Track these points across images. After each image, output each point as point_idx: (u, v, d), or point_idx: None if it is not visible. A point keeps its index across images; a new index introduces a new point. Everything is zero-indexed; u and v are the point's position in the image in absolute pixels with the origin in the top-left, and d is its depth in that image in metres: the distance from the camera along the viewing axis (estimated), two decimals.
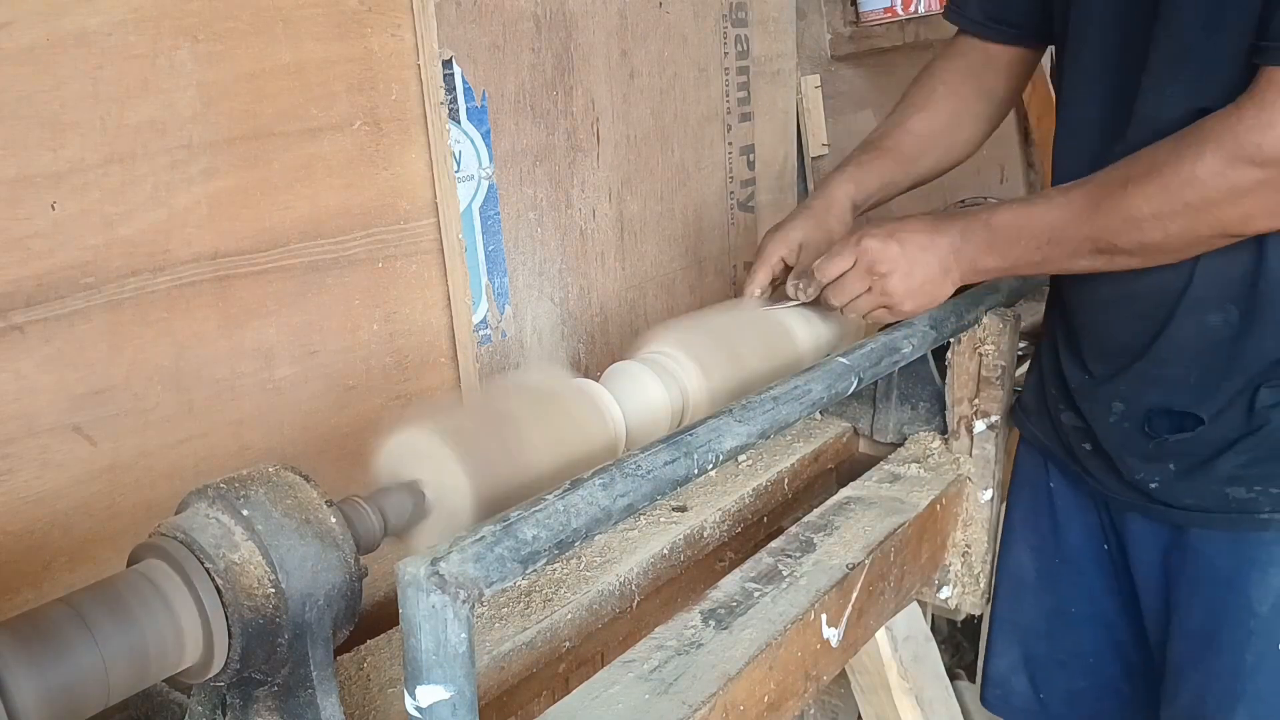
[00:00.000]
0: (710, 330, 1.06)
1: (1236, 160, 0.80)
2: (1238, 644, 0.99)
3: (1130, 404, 1.02)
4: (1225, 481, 0.97)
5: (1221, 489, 0.97)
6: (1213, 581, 1.00)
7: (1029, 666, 1.26)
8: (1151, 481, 1.02)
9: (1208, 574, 1.01)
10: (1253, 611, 0.98)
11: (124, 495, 0.89)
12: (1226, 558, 0.99)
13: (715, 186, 1.62)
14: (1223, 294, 0.93)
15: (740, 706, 0.86)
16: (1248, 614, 0.98)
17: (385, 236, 1.07)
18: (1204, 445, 0.98)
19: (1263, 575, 0.97)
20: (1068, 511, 1.17)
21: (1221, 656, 1.00)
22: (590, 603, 0.99)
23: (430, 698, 0.60)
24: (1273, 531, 0.96)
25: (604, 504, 0.70)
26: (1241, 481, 0.96)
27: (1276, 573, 0.96)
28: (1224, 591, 0.99)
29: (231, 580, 0.63)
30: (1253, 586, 0.97)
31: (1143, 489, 1.03)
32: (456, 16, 1.13)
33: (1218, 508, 0.98)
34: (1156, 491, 1.02)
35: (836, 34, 1.97)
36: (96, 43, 0.82)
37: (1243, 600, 0.98)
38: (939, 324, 1.14)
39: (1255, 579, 0.97)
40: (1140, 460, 1.02)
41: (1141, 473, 1.02)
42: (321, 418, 1.04)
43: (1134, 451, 1.03)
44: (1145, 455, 1.02)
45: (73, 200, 0.82)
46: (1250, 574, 0.97)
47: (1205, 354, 0.95)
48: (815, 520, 1.12)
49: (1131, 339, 1.00)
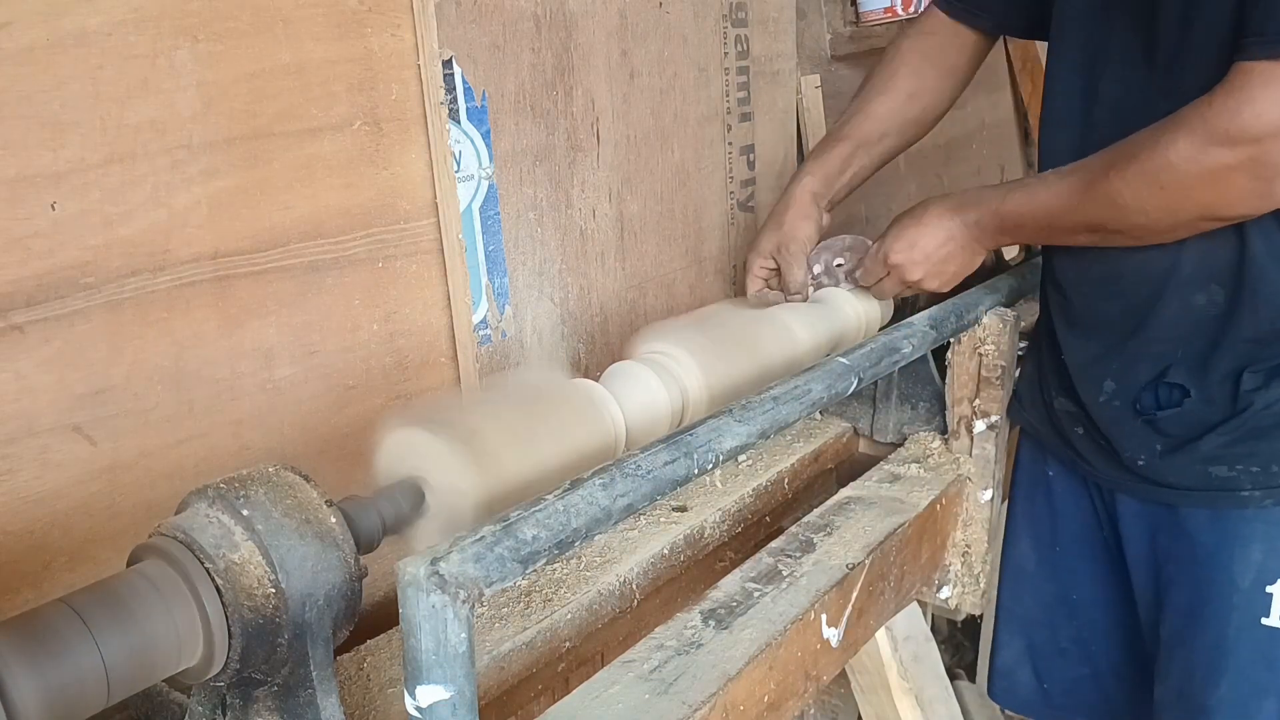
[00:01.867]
0: (710, 330, 1.06)
1: (1208, 144, 0.83)
2: (1221, 618, 1.02)
3: (1120, 383, 1.05)
4: (1208, 460, 1.00)
5: (1204, 468, 1.01)
6: (1197, 559, 1.04)
7: (1032, 656, 1.28)
8: (1139, 459, 1.05)
9: (1193, 552, 1.04)
10: (1235, 586, 1.01)
11: (124, 495, 0.89)
12: (1210, 535, 1.02)
13: (715, 186, 1.62)
14: (1209, 275, 0.96)
15: (740, 706, 0.86)
16: (1230, 589, 1.01)
17: (385, 236, 1.07)
18: (1190, 424, 1.01)
19: (1244, 550, 1.00)
20: (1065, 499, 1.20)
21: (1207, 632, 1.03)
22: (590, 603, 0.99)
23: (430, 698, 0.60)
24: (1252, 509, 0.99)
25: (604, 504, 0.70)
26: (1223, 460, 1.00)
27: (1257, 548, 1.00)
28: (1208, 568, 1.03)
29: (231, 580, 0.63)
30: (1235, 562, 1.01)
31: (1131, 467, 1.07)
32: (456, 16, 1.13)
33: (1201, 486, 1.02)
34: (1144, 469, 1.05)
35: (836, 34, 1.97)
36: (96, 43, 0.82)
37: (1225, 576, 1.02)
38: (939, 324, 1.14)
39: (1237, 554, 1.01)
40: (1129, 438, 1.06)
41: (1129, 450, 1.06)
42: (321, 418, 1.04)
43: (1124, 430, 1.06)
44: (1134, 433, 1.05)
45: (73, 200, 0.82)
46: (1233, 549, 1.01)
47: (1193, 333, 0.99)
48: (815, 520, 1.12)
49: (1121, 317, 1.03)
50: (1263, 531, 1.00)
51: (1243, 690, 1.02)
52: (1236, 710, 1.02)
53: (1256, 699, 1.01)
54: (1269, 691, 1.01)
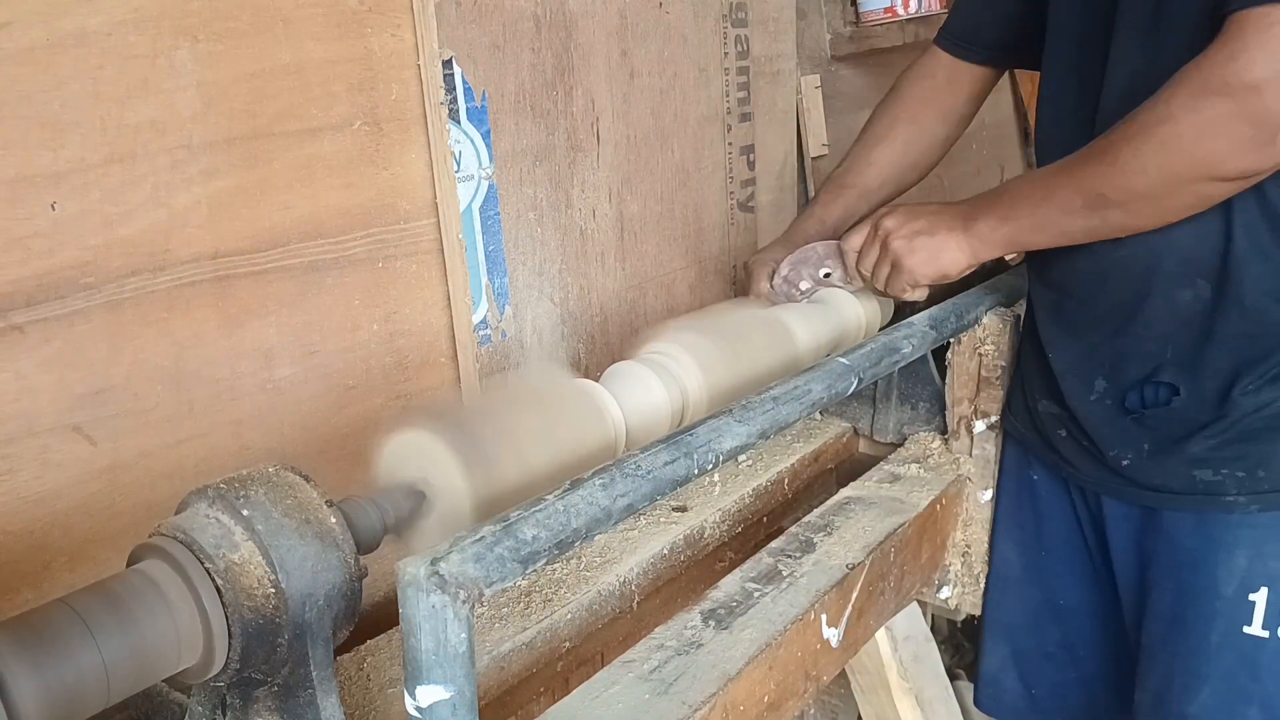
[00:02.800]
0: (710, 330, 1.06)
1: (1205, 92, 0.83)
2: (1203, 625, 1.01)
3: (1112, 381, 1.04)
4: (1193, 463, 0.99)
5: (1189, 471, 1.00)
6: (1181, 564, 1.03)
7: (1018, 662, 1.27)
8: (1124, 459, 1.04)
9: (1176, 557, 1.03)
10: (1218, 593, 1.00)
11: (124, 495, 0.89)
12: (1194, 539, 1.01)
13: (715, 186, 1.62)
14: (1194, 270, 0.96)
15: (740, 706, 0.86)
16: (1213, 595, 1.00)
17: (385, 236, 1.07)
18: (1178, 424, 1.00)
19: (1228, 556, 0.99)
20: (1050, 503, 1.20)
21: (1188, 638, 1.02)
22: (590, 603, 0.99)
23: (430, 698, 0.60)
24: (1238, 514, 0.98)
25: (604, 504, 0.70)
26: (1209, 464, 0.98)
27: (1241, 554, 0.99)
28: (1191, 573, 1.02)
29: (231, 580, 0.63)
30: (1219, 568, 1.00)
31: (1116, 468, 1.05)
32: (456, 16, 1.13)
33: (1185, 489, 1.00)
34: (1129, 469, 1.04)
35: (836, 34, 1.97)
36: (96, 43, 0.82)
37: (1209, 582, 1.00)
38: (939, 324, 1.14)
39: (1221, 560, 0.99)
40: (1116, 437, 1.05)
41: (1115, 449, 1.05)
42: (321, 418, 1.04)
43: (1111, 429, 1.05)
44: (1122, 432, 1.04)
45: (73, 200, 0.82)
46: (1216, 555, 1.00)
47: (1181, 330, 0.98)
48: (815, 520, 1.12)
49: (1109, 314, 1.03)
50: (1248, 537, 0.98)
51: (1224, 699, 1.01)
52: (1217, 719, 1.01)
53: (1239, 708, 1.00)
54: (1251, 700, 1.00)
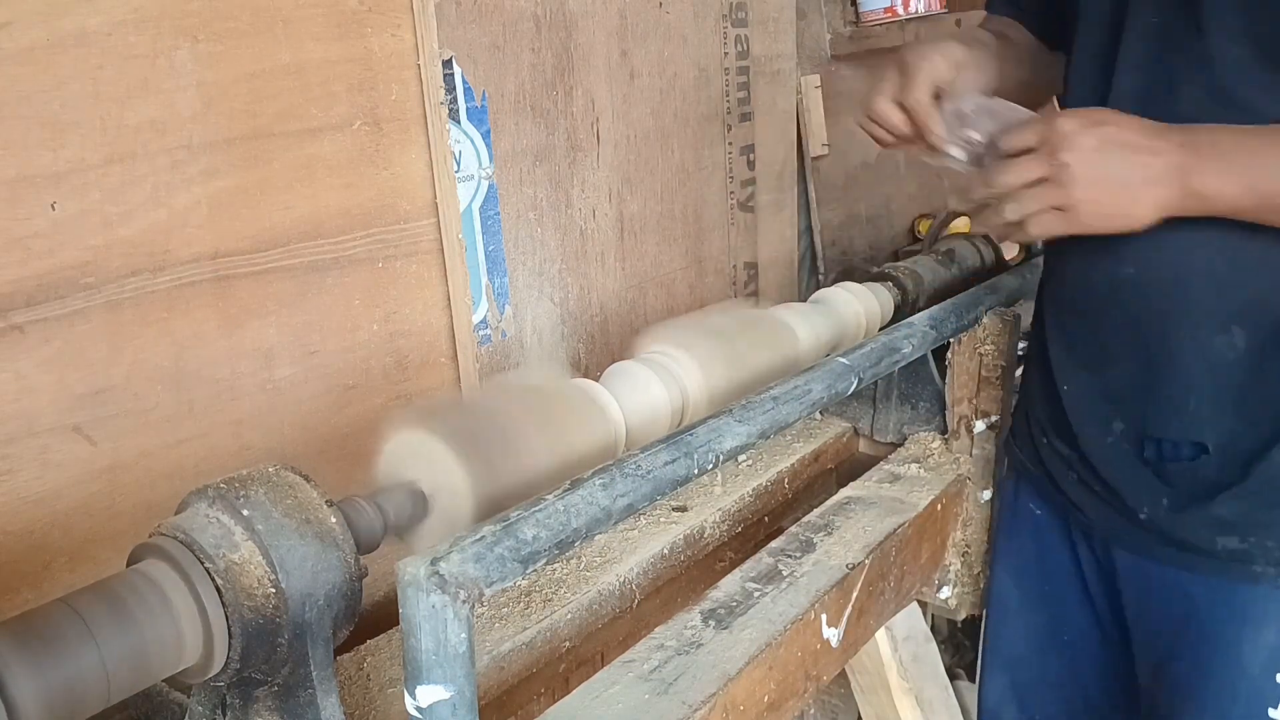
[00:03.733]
0: (710, 330, 1.05)
1: None
2: (1223, 705, 0.93)
3: (1130, 424, 0.94)
4: (1218, 527, 0.90)
5: (1213, 535, 0.90)
6: (1203, 635, 0.94)
7: (1017, 693, 1.21)
8: (1141, 510, 0.95)
9: (1198, 626, 0.94)
10: (1243, 671, 0.91)
11: (124, 495, 0.89)
12: (1218, 608, 0.92)
13: (715, 186, 1.62)
14: (1224, 311, 0.85)
15: (740, 706, 0.86)
16: (1238, 673, 0.91)
17: (385, 236, 1.07)
18: (1203, 482, 0.90)
19: (1255, 632, 0.90)
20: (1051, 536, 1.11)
21: (1204, 715, 0.94)
22: (590, 603, 0.99)
23: (430, 698, 0.60)
24: (1265, 586, 0.89)
25: (604, 504, 0.70)
26: (1235, 529, 0.89)
27: (1270, 631, 0.90)
28: (1212, 646, 0.93)
29: (231, 580, 0.63)
30: (1244, 643, 0.91)
31: (1132, 518, 0.96)
32: (456, 16, 1.13)
33: (1208, 552, 0.91)
34: (1148, 522, 0.95)
35: (836, 34, 1.97)
36: (96, 43, 0.82)
37: (1232, 657, 0.91)
38: (939, 324, 1.14)
39: (1248, 636, 0.90)
40: (1135, 487, 0.95)
41: (1133, 499, 0.95)
42: (321, 418, 1.04)
43: (1130, 477, 0.95)
44: (1140, 481, 0.95)
45: (73, 200, 0.82)
46: (1242, 630, 0.91)
47: (1209, 381, 0.87)
48: (815, 520, 1.12)
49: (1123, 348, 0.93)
50: (1277, 613, 0.89)
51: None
52: None
53: None
54: None
